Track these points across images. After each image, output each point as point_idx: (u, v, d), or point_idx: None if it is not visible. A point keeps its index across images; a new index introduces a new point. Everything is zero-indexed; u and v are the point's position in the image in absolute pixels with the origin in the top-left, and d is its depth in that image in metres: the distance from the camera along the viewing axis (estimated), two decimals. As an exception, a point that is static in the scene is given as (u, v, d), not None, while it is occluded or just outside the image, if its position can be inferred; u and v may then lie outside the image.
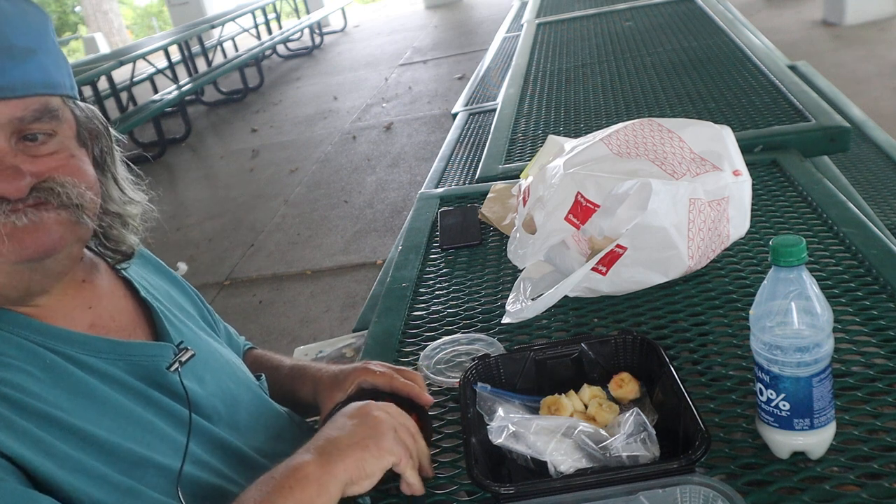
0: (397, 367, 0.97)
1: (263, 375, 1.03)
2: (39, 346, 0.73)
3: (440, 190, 1.79)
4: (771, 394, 0.74)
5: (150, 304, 0.87)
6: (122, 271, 0.89)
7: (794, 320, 0.70)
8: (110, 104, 6.79)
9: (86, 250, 0.85)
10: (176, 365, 0.81)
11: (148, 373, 0.80)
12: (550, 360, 0.91)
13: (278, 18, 10.73)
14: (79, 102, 0.81)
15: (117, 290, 0.87)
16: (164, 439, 0.76)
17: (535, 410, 0.86)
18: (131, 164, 0.92)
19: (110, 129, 0.86)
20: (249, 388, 0.95)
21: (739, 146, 1.14)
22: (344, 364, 1.62)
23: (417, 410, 0.89)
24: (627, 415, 0.78)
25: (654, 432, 0.76)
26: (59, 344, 0.74)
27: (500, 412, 0.82)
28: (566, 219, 1.09)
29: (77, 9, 20.37)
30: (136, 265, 0.95)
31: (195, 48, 8.19)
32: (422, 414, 0.89)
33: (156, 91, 7.58)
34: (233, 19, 8.67)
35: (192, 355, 0.83)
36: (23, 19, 0.72)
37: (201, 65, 8.41)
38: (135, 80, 7.41)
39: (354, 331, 1.82)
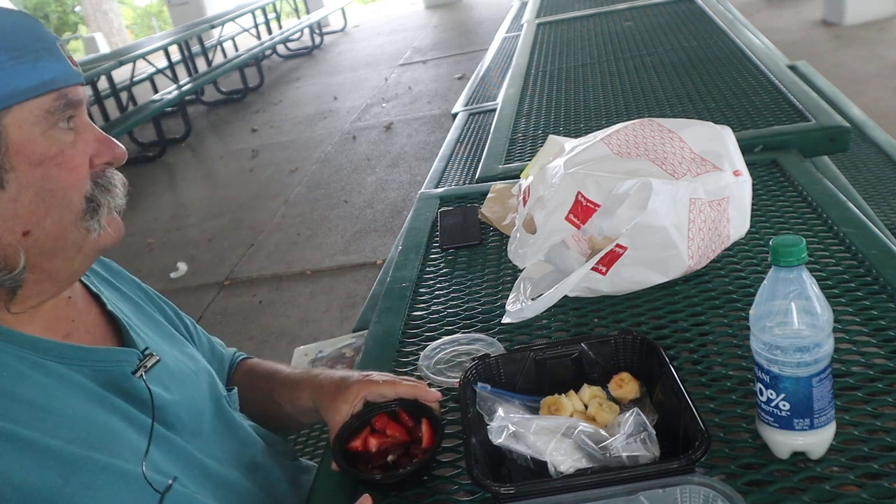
0: (396, 376, 0.97)
1: (235, 389, 1.03)
2: (5, 354, 0.73)
3: (440, 190, 1.79)
4: (771, 394, 0.74)
5: (115, 316, 0.88)
6: (92, 286, 0.90)
7: (794, 320, 0.70)
8: (110, 104, 6.80)
9: None
10: (141, 370, 0.82)
11: (113, 378, 0.80)
12: (550, 360, 0.91)
13: (278, 18, 10.73)
14: None
15: (91, 307, 0.88)
16: (128, 444, 0.76)
17: (535, 410, 0.86)
18: None
19: None
20: (215, 401, 0.95)
21: (739, 146, 1.14)
22: (344, 364, 1.62)
23: (426, 414, 0.89)
24: (627, 415, 0.78)
25: (654, 432, 0.76)
26: (27, 351, 0.75)
27: (500, 412, 0.82)
28: (566, 218, 1.09)
29: (77, 9, 20.36)
30: (107, 279, 0.95)
31: (195, 48, 8.19)
32: (431, 417, 0.89)
33: (156, 91, 7.58)
34: (233, 19, 8.67)
35: (157, 361, 0.85)
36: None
37: (201, 65, 8.40)
38: (135, 80, 7.41)
39: (354, 331, 1.82)
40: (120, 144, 0.82)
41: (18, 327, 0.76)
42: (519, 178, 1.43)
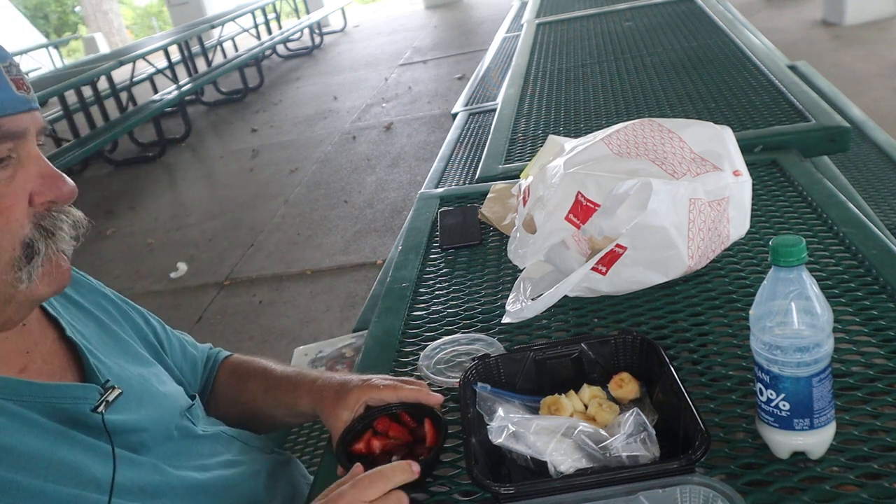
0: (397, 377, 0.97)
1: (197, 399, 0.99)
2: None
3: (440, 190, 1.79)
4: (771, 394, 0.74)
5: (76, 343, 0.83)
6: (49, 309, 0.84)
7: (794, 320, 0.70)
8: (110, 104, 6.80)
9: None
10: (101, 406, 0.78)
11: (71, 415, 0.76)
12: (550, 360, 0.91)
13: (278, 18, 10.73)
14: None
15: (48, 332, 0.83)
16: (94, 478, 0.73)
17: (535, 410, 0.86)
18: None
19: None
20: (183, 415, 0.92)
21: (739, 146, 1.14)
22: (344, 364, 1.62)
23: (430, 416, 0.89)
24: (627, 415, 0.78)
25: (654, 432, 0.76)
26: None
27: (500, 412, 0.82)
28: (566, 218, 1.09)
29: (77, 9, 20.37)
30: (66, 294, 0.90)
31: (195, 48, 8.19)
32: (434, 417, 0.89)
33: (156, 91, 7.59)
34: (233, 19, 8.67)
35: (120, 394, 0.80)
36: None
37: (201, 65, 8.40)
38: (135, 80, 7.42)
39: (354, 331, 1.82)
40: (69, 181, 0.73)
41: None
42: (519, 178, 1.43)
